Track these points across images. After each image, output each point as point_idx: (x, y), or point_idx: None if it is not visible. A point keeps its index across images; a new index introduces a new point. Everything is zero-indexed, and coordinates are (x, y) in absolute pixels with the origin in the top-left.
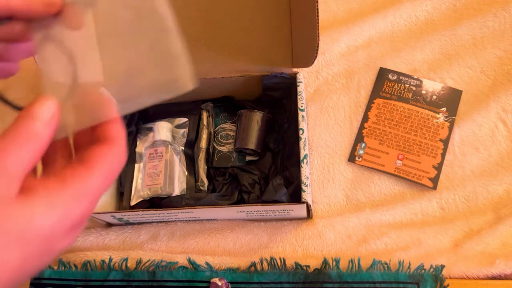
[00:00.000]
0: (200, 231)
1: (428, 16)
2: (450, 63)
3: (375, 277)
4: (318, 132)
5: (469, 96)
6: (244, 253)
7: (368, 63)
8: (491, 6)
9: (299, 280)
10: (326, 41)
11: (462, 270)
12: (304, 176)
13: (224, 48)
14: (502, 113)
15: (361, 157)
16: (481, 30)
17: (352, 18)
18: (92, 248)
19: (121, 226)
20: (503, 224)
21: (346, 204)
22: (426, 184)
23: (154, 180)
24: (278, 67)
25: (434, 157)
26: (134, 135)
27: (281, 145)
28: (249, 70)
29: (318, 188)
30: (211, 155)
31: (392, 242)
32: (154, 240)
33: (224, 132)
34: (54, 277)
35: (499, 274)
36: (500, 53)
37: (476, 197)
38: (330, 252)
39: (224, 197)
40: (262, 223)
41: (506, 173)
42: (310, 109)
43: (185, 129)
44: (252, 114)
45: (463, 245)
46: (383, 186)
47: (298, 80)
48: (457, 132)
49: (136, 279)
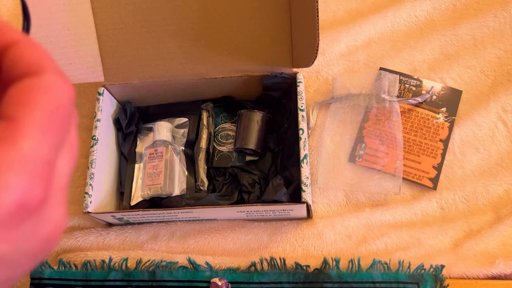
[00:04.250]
0: (200, 231)
1: (428, 16)
2: (450, 63)
3: (375, 277)
4: (318, 132)
5: (469, 96)
6: (244, 253)
7: (368, 63)
8: (491, 6)
9: (299, 280)
10: (326, 41)
11: (462, 270)
12: (304, 176)
13: (224, 48)
14: (502, 113)
15: (361, 157)
16: (481, 30)
17: (352, 18)
18: (92, 248)
19: (121, 226)
20: (503, 224)
21: (346, 204)
22: (426, 184)
23: (154, 180)
24: (278, 67)
25: (434, 157)
26: (134, 135)
27: (281, 145)
28: (249, 70)
29: (318, 188)
30: (211, 155)
31: (392, 242)
32: (154, 240)
33: (224, 132)
34: (54, 277)
35: (499, 274)
36: (500, 53)
37: (476, 197)
38: (330, 252)
39: (224, 197)
40: (262, 223)
41: (506, 173)
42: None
43: (185, 129)
44: (252, 114)
45: (463, 245)
46: (383, 186)
47: (298, 80)
48: (457, 132)
49: (136, 279)
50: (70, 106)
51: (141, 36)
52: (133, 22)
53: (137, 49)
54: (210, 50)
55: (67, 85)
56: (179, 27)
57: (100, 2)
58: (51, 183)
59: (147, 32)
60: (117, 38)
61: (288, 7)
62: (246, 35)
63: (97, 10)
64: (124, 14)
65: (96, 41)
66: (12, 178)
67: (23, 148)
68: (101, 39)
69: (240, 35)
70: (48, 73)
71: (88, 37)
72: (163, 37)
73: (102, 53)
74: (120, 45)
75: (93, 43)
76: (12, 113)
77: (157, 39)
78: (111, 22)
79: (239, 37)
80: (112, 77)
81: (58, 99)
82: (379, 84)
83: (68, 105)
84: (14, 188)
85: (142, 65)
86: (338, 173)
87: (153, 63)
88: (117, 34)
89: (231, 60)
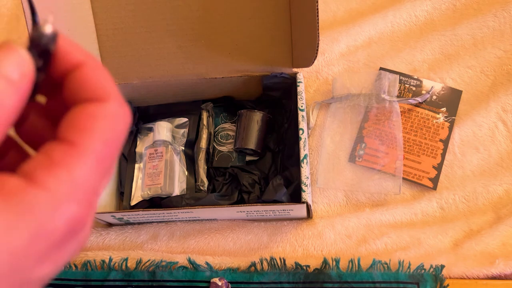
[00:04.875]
0: (200, 231)
1: (428, 16)
2: (450, 63)
3: (375, 277)
4: (318, 132)
5: (469, 96)
6: (244, 253)
7: (368, 63)
8: (491, 6)
9: (299, 280)
10: (326, 41)
11: (462, 270)
12: (304, 176)
13: (224, 48)
14: (502, 113)
15: (361, 157)
16: (481, 30)
17: (352, 18)
18: (92, 248)
19: (121, 226)
20: (503, 224)
21: (346, 204)
22: (426, 184)
23: (154, 180)
24: (278, 67)
25: (434, 157)
26: (134, 135)
27: (281, 145)
28: (249, 70)
29: (318, 188)
30: (211, 155)
31: (392, 242)
32: (154, 240)
33: (224, 132)
34: (54, 277)
35: (499, 274)
36: (500, 53)
37: (476, 197)
38: (330, 252)
39: (224, 197)
40: (262, 223)
41: (506, 173)
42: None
43: (185, 129)
44: (252, 114)
45: (463, 245)
46: (383, 186)
47: (298, 80)
48: (457, 132)
49: (136, 279)
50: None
51: (141, 36)
52: (133, 22)
53: (137, 49)
54: (210, 50)
55: (127, 115)
56: (179, 27)
57: (100, 2)
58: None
59: (147, 32)
60: (117, 38)
61: (288, 7)
62: (246, 35)
63: (97, 10)
64: (124, 14)
65: (96, 41)
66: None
67: (78, 175)
68: (101, 39)
69: (240, 35)
70: (112, 101)
71: (88, 37)
72: (163, 37)
73: (102, 53)
74: (120, 45)
75: (93, 43)
76: (72, 137)
77: (157, 39)
78: (111, 22)
79: (239, 37)
80: (112, 77)
81: (118, 130)
82: (379, 84)
83: (124, 134)
84: (68, 214)
85: (142, 65)
86: (338, 173)
87: (153, 63)
88: (117, 34)
89: (231, 60)
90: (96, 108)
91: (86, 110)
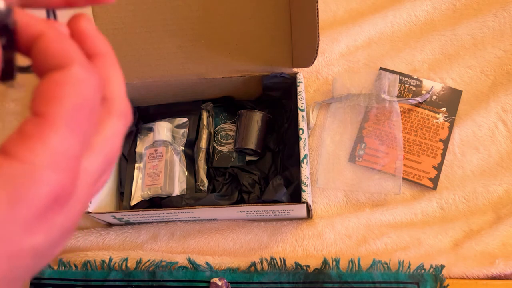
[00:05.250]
0: (200, 231)
1: (428, 16)
2: (450, 63)
3: (375, 277)
4: (318, 132)
5: (469, 96)
6: (244, 253)
7: (368, 63)
8: (491, 6)
9: (299, 280)
10: (326, 41)
11: (462, 270)
12: (304, 176)
13: (224, 48)
14: (502, 113)
15: (361, 157)
16: (481, 30)
17: (352, 18)
18: (92, 248)
19: (121, 226)
20: (503, 224)
21: (346, 204)
22: (426, 184)
23: (154, 180)
24: (278, 67)
25: (434, 157)
26: (134, 135)
27: (281, 145)
28: (249, 70)
29: (318, 188)
30: (211, 155)
31: (392, 242)
32: (154, 240)
33: (224, 132)
34: (54, 277)
35: (499, 274)
36: (500, 53)
37: (476, 197)
38: (330, 252)
39: (224, 197)
40: (262, 223)
41: (506, 173)
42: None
43: (185, 129)
44: (252, 114)
45: (463, 245)
46: (383, 186)
47: (298, 80)
48: (457, 132)
49: (136, 279)
50: (96, 98)
51: (141, 36)
52: (133, 22)
53: (137, 49)
54: (210, 50)
55: (93, 77)
56: (179, 27)
57: None
58: (78, 176)
59: (147, 32)
60: (117, 38)
61: (288, 7)
62: (246, 35)
63: (97, 10)
64: (124, 14)
65: None
66: (45, 173)
67: (52, 144)
68: None
69: (240, 35)
70: (74, 66)
71: None
72: (163, 37)
73: None
74: (120, 45)
75: None
76: (40, 109)
77: (157, 39)
78: (111, 22)
79: (239, 37)
80: None
81: (85, 93)
82: (379, 84)
83: (94, 98)
84: (48, 182)
85: (142, 65)
86: (338, 173)
87: (153, 63)
88: (117, 34)
89: (231, 60)
90: (58, 75)
91: (50, 79)
